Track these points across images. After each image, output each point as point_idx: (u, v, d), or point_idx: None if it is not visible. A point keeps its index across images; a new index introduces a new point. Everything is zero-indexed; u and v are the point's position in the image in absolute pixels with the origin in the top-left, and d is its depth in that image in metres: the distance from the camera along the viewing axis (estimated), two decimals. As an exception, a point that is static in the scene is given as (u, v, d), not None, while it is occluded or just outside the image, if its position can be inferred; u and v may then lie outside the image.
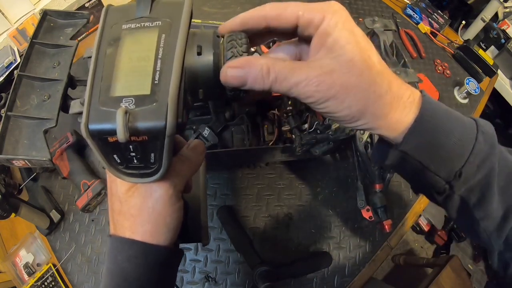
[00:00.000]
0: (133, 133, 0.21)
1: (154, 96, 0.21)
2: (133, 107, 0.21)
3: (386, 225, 0.64)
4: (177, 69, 0.22)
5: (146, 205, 0.26)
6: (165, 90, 0.21)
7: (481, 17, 1.08)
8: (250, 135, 0.68)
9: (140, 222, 0.26)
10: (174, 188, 0.26)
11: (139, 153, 0.22)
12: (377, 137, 0.60)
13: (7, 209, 0.64)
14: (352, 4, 1.10)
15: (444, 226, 1.54)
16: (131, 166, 0.24)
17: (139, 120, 0.20)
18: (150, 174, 0.24)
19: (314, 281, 0.69)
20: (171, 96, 0.21)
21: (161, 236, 0.27)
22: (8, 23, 0.94)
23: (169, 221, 0.27)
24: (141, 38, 0.23)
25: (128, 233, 0.27)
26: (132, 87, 0.22)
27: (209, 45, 0.25)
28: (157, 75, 0.22)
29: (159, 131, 0.21)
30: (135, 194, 0.26)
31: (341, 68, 0.23)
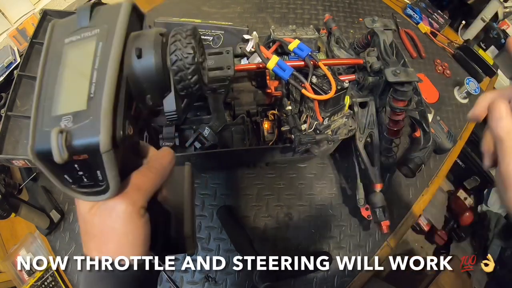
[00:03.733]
0: (72, 153, 0.20)
1: (89, 111, 0.20)
2: (71, 124, 0.20)
3: (384, 226, 0.64)
4: (111, 78, 0.20)
5: (107, 224, 0.25)
6: (100, 103, 0.20)
7: (481, 17, 1.08)
8: (250, 135, 0.68)
9: (103, 242, 0.26)
10: (133, 205, 0.25)
11: (86, 172, 0.22)
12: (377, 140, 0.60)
13: (7, 209, 0.64)
14: (352, 4, 1.10)
15: (444, 226, 1.54)
16: (83, 185, 0.23)
17: (76, 138, 0.20)
18: (102, 191, 0.23)
19: (314, 281, 0.69)
20: (104, 108, 0.20)
21: (125, 254, 0.26)
22: (8, 23, 0.94)
23: (132, 239, 0.26)
24: (80, 50, 0.22)
25: (94, 253, 0.26)
26: (71, 103, 0.21)
27: (149, 46, 0.23)
28: (93, 88, 0.21)
29: (94, 148, 0.20)
30: (96, 213, 0.25)
31: None
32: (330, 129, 0.60)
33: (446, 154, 0.86)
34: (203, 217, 0.74)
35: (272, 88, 0.67)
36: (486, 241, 1.43)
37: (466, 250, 1.55)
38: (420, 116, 0.63)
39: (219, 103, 0.63)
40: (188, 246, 0.34)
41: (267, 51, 0.58)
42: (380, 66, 0.58)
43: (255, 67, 0.61)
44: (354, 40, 0.73)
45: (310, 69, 0.54)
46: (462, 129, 0.91)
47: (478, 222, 1.50)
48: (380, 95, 0.62)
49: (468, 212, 1.48)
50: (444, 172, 0.85)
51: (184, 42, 0.24)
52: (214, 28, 0.73)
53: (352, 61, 0.64)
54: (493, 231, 1.41)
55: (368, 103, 0.64)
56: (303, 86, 0.53)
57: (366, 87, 0.63)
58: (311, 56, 0.56)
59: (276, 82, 0.68)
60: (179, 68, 0.24)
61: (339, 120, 0.61)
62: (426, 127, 0.65)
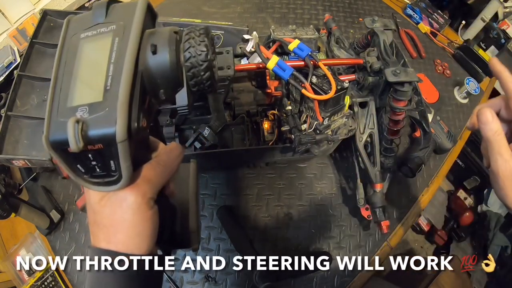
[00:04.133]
0: (87, 142, 0.20)
1: (106, 102, 0.21)
2: (87, 115, 0.21)
3: (384, 225, 0.64)
4: (127, 71, 0.21)
5: (116, 214, 0.26)
6: (115, 95, 0.21)
7: (481, 17, 1.08)
8: (250, 135, 0.68)
9: (112, 232, 0.26)
10: (143, 196, 0.26)
11: (99, 162, 0.22)
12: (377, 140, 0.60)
13: (7, 209, 0.64)
14: (352, 4, 1.10)
15: (444, 226, 1.54)
16: (96, 175, 0.23)
17: (92, 128, 0.20)
18: (114, 182, 0.24)
19: (314, 281, 0.69)
20: (121, 100, 0.20)
21: (134, 245, 0.26)
22: (8, 23, 0.94)
23: (141, 230, 0.26)
24: (96, 45, 0.23)
25: (103, 244, 0.27)
26: (87, 95, 0.21)
27: (164, 43, 0.24)
28: (109, 80, 0.21)
29: (111, 138, 0.20)
30: (107, 204, 0.26)
31: None
32: (330, 129, 0.60)
33: (446, 154, 0.86)
34: (203, 217, 0.74)
35: (272, 88, 0.67)
36: (486, 241, 1.43)
37: (466, 250, 1.55)
38: (420, 116, 0.63)
39: (219, 103, 0.63)
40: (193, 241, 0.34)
41: (267, 51, 0.58)
42: (380, 66, 0.58)
43: (255, 67, 0.61)
44: (354, 40, 0.73)
45: (310, 69, 0.54)
46: (462, 129, 0.91)
47: (478, 222, 1.50)
48: (380, 95, 0.62)
49: (468, 212, 1.48)
50: (444, 172, 0.85)
51: (198, 40, 0.25)
52: (214, 28, 0.73)
53: (352, 61, 0.64)
54: (493, 231, 1.41)
55: (368, 103, 0.64)
56: (303, 86, 0.53)
57: (366, 87, 0.63)
58: (311, 56, 0.56)
59: (276, 82, 0.68)
60: (192, 65, 0.25)
61: (339, 120, 0.61)
62: (426, 127, 0.65)
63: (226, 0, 1.04)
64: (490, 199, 1.46)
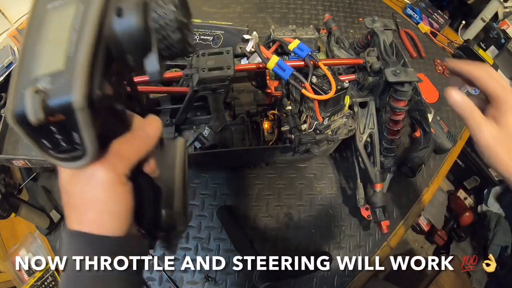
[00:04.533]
0: (48, 113, 0.19)
1: (68, 71, 0.20)
2: (49, 85, 0.20)
3: (384, 225, 0.64)
4: (89, 36, 0.20)
5: (86, 192, 0.24)
6: (77, 62, 0.20)
7: (481, 17, 1.08)
8: (250, 135, 0.68)
9: (83, 212, 0.25)
10: (113, 171, 0.24)
11: (63, 135, 0.21)
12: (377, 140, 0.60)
13: (7, 209, 0.64)
14: (352, 4, 1.10)
15: (444, 226, 1.54)
16: (62, 150, 0.22)
17: (52, 97, 0.19)
18: (80, 156, 0.22)
19: (314, 281, 0.69)
20: (80, 66, 0.19)
21: (107, 225, 0.25)
22: (8, 23, 0.94)
23: (112, 207, 0.25)
24: (61, 14, 0.22)
25: (75, 225, 0.25)
26: (49, 64, 0.20)
27: (130, 5, 0.22)
28: (72, 48, 0.20)
29: (69, 106, 0.19)
30: (77, 182, 0.25)
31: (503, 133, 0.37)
32: (330, 129, 0.60)
33: (446, 154, 0.86)
34: (203, 217, 0.74)
35: (272, 88, 0.67)
36: (486, 241, 1.43)
37: (466, 250, 1.55)
38: (420, 116, 0.63)
39: (219, 103, 0.63)
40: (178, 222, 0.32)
41: (267, 51, 0.58)
42: (380, 66, 0.59)
43: (255, 67, 0.61)
44: (354, 40, 0.73)
45: (310, 69, 0.54)
46: (462, 129, 0.91)
47: (478, 222, 1.50)
48: (380, 95, 0.62)
49: (468, 212, 1.48)
50: (444, 172, 0.85)
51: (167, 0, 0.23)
52: (214, 28, 0.74)
53: (352, 61, 0.64)
54: (493, 231, 1.41)
55: (368, 103, 0.64)
56: (303, 86, 0.53)
57: (366, 87, 0.63)
58: (311, 56, 0.56)
59: (276, 82, 0.68)
60: (161, 26, 0.24)
61: (339, 120, 0.61)
62: (426, 127, 0.65)
63: (226, 0, 1.04)
64: (490, 199, 1.46)
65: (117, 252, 0.26)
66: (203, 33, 0.72)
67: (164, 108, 0.68)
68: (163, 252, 0.71)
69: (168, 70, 0.69)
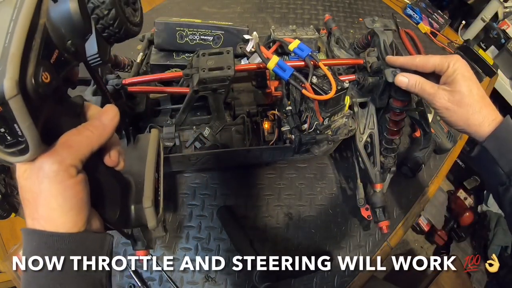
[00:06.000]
0: None
1: (2, 60, 0.19)
2: None
3: (384, 226, 0.64)
4: (21, 24, 0.20)
5: (35, 186, 0.23)
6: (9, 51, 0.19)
7: (481, 17, 1.08)
8: (250, 135, 0.68)
9: (34, 207, 0.24)
10: (60, 163, 0.23)
11: (6, 127, 0.20)
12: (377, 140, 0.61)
13: (7, 209, 0.64)
14: (352, 4, 1.10)
15: (444, 226, 1.54)
16: (8, 144, 0.21)
17: None
18: (24, 149, 0.22)
19: (314, 281, 0.69)
20: (11, 53, 0.19)
21: (57, 220, 0.24)
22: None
23: (61, 201, 0.24)
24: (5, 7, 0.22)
25: (29, 222, 0.24)
26: None
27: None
28: (8, 38, 0.20)
29: (1, 96, 0.19)
30: (28, 176, 0.24)
31: (454, 94, 0.45)
32: (330, 129, 0.60)
33: (446, 154, 0.86)
34: (203, 217, 0.74)
35: (272, 88, 0.67)
36: (486, 241, 1.44)
37: (466, 250, 1.55)
38: (420, 116, 0.63)
39: (219, 103, 0.63)
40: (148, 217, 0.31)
41: (267, 51, 0.58)
42: (380, 66, 0.58)
43: (255, 67, 0.61)
44: (354, 40, 0.73)
45: (310, 69, 0.54)
46: (462, 129, 0.91)
47: (478, 222, 1.50)
48: (380, 95, 0.62)
49: (468, 212, 1.48)
50: (444, 172, 0.85)
51: None
52: (214, 28, 0.73)
53: (352, 61, 0.64)
54: (493, 231, 1.41)
55: (368, 103, 0.64)
56: (303, 86, 0.53)
57: (366, 87, 0.63)
58: (311, 56, 0.56)
59: (276, 82, 0.68)
60: (94, 5, 0.23)
61: (339, 120, 0.61)
62: (426, 127, 0.65)
63: (226, 0, 1.04)
64: (490, 199, 1.46)
65: (72, 249, 0.25)
66: (203, 33, 0.71)
67: (164, 108, 0.68)
68: (163, 252, 0.71)
69: (168, 70, 0.69)
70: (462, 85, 0.45)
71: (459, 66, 0.45)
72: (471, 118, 0.45)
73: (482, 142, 0.45)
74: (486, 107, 0.45)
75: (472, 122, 0.45)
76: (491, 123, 0.44)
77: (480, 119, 0.44)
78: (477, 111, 0.44)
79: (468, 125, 0.45)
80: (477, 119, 0.44)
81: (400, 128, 0.62)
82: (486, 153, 0.45)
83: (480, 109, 0.44)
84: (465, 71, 0.45)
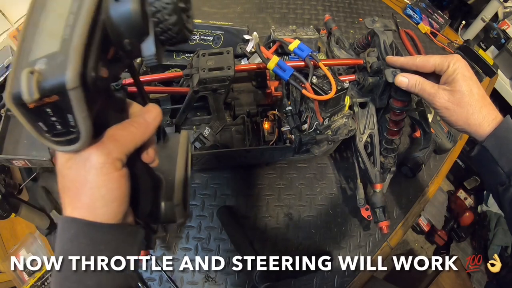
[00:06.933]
0: (43, 93, 0.19)
1: (62, 52, 0.20)
2: (44, 66, 0.20)
3: (384, 226, 0.64)
4: (84, 18, 0.20)
5: (80, 176, 0.24)
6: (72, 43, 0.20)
7: (481, 17, 1.08)
8: (250, 135, 0.68)
9: (77, 196, 0.25)
10: (107, 155, 0.24)
11: (58, 117, 0.21)
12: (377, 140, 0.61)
13: (7, 209, 0.64)
14: (352, 4, 1.10)
15: (444, 226, 1.54)
16: (57, 133, 0.22)
17: (46, 78, 0.19)
18: (75, 139, 0.22)
19: (314, 281, 0.69)
20: (74, 46, 0.20)
21: (98, 211, 0.25)
22: (8, 23, 0.94)
23: (105, 192, 0.24)
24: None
25: (69, 210, 0.25)
26: (46, 47, 0.21)
27: None
28: (68, 30, 0.20)
29: (62, 86, 0.19)
30: (72, 165, 0.24)
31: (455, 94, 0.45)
32: (330, 129, 0.60)
33: (446, 154, 0.86)
34: (203, 217, 0.74)
35: (272, 88, 0.67)
36: (486, 241, 1.44)
37: (466, 250, 1.55)
38: (420, 116, 0.63)
39: (219, 103, 0.63)
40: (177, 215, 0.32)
41: (267, 51, 0.58)
42: (380, 66, 0.59)
43: (255, 67, 0.61)
44: (354, 41, 0.73)
45: (310, 70, 0.54)
46: (462, 129, 0.91)
47: (478, 222, 1.50)
48: (380, 95, 0.62)
49: (468, 212, 1.48)
50: (444, 172, 0.85)
51: None
52: (214, 28, 0.73)
53: (352, 62, 0.64)
54: (493, 231, 1.41)
55: (368, 103, 0.64)
56: (303, 86, 0.53)
57: (366, 88, 0.63)
58: (311, 57, 0.56)
59: (276, 83, 0.68)
60: (157, 9, 0.23)
61: (339, 120, 0.61)
62: (426, 128, 0.65)
63: (226, 0, 1.04)
64: (490, 199, 1.46)
65: (108, 240, 0.25)
66: (203, 33, 0.71)
67: (164, 108, 0.68)
68: (163, 252, 0.71)
69: (168, 70, 0.69)
70: (462, 84, 0.45)
71: (459, 66, 0.45)
72: (471, 117, 0.45)
73: (482, 142, 0.45)
74: (486, 106, 0.45)
75: (472, 122, 0.45)
76: (491, 122, 0.44)
77: (480, 119, 0.45)
78: (477, 111, 0.45)
79: (468, 124, 0.45)
80: (477, 119, 0.45)
81: (400, 128, 0.62)
82: (486, 153, 0.44)
83: (480, 109, 0.45)
84: (465, 71, 0.46)
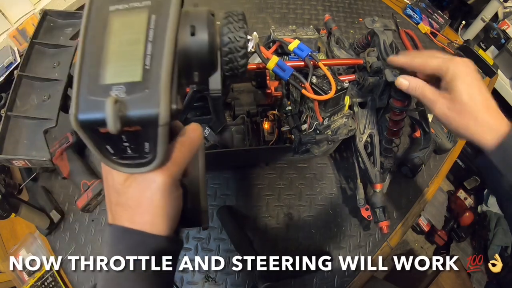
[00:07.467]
0: (125, 123, 0.19)
1: (145, 83, 0.20)
2: (124, 95, 0.20)
3: (384, 226, 0.64)
4: (169, 52, 0.20)
5: (144, 196, 0.26)
6: (157, 76, 0.20)
7: (481, 17, 1.08)
8: (250, 135, 0.68)
9: (139, 213, 0.26)
10: (172, 177, 0.26)
11: (132, 143, 0.22)
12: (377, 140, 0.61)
13: (7, 209, 0.64)
14: (352, 4, 1.10)
15: (444, 226, 1.54)
16: (125, 157, 0.23)
17: (131, 109, 0.19)
18: (145, 163, 0.23)
19: (314, 281, 0.69)
20: (163, 82, 0.20)
21: (160, 226, 0.26)
22: (8, 23, 0.94)
23: (169, 210, 0.27)
24: (129, 20, 0.22)
25: (127, 224, 0.26)
26: (122, 73, 0.20)
27: (203, 25, 0.23)
28: (148, 60, 0.20)
29: (152, 120, 0.20)
30: (132, 184, 0.26)
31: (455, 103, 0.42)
32: (330, 129, 0.60)
33: (446, 154, 0.86)
34: (203, 217, 0.74)
35: (272, 88, 0.67)
36: (486, 241, 1.43)
37: (466, 250, 1.55)
38: (420, 116, 0.63)
39: (219, 103, 0.63)
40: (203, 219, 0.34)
41: (267, 51, 0.58)
42: (380, 66, 0.58)
43: (255, 67, 0.61)
44: (354, 40, 0.73)
45: (310, 69, 0.54)
46: (462, 129, 0.91)
47: (478, 222, 1.50)
48: (380, 95, 0.62)
49: (468, 212, 1.48)
50: (444, 172, 0.85)
51: (237, 26, 0.24)
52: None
53: (352, 61, 0.64)
54: (493, 231, 1.41)
55: (368, 103, 0.64)
56: (303, 86, 0.53)
57: (366, 87, 0.63)
58: (311, 56, 0.56)
59: (276, 83, 0.68)
60: (230, 50, 0.25)
61: (339, 120, 0.61)
62: (426, 128, 0.65)
63: (226, 0, 1.04)
64: (490, 199, 1.46)
65: (163, 249, 0.27)
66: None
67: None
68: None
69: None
70: (462, 93, 0.41)
71: (459, 71, 0.42)
72: (473, 127, 0.42)
73: (489, 154, 0.42)
74: (490, 114, 0.42)
75: (475, 131, 0.42)
76: (495, 132, 0.41)
77: (483, 128, 0.41)
78: (479, 120, 0.41)
79: (470, 133, 0.42)
80: (480, 128, 0.42)
81: (400, 128, 0.62)
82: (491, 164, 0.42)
83: (483, 118, 0.41)
84: (465, 76, 0.42)
